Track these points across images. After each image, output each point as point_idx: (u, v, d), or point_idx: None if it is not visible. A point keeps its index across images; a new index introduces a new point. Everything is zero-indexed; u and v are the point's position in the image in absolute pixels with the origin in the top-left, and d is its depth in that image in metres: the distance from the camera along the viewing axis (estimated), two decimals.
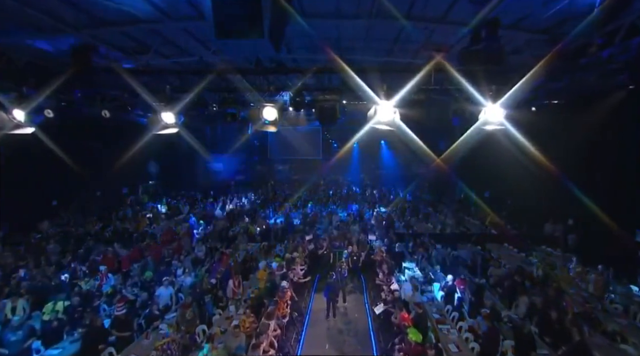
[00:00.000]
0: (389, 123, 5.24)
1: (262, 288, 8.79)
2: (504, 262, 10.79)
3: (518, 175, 13.78)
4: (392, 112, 5.26)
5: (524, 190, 14.39)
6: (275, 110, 5.75)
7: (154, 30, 6.97)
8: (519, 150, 8.66)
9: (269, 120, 5.78)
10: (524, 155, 9.62)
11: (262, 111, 5.76)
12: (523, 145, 6.55)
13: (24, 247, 12.22)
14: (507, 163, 13.73)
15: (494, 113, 5.14)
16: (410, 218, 16.54)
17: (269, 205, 19.76)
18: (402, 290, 8.12)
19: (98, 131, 13.96)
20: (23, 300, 7.61)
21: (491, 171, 16.74)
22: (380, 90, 5.37)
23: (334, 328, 8.32)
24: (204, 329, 7.22)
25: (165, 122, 5.78)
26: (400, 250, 11.55)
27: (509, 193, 16.27)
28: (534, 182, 13.18)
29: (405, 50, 8.22)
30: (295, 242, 12.06)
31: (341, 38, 7.70)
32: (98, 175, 15.92)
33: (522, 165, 12.23)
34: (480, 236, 13.94)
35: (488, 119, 5.20)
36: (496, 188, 17.45)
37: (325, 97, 6.03)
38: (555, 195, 12.33)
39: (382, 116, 5.32)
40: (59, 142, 11.68)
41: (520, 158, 11.70)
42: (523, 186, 14.14)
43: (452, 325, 7.30)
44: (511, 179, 14.77)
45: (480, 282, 8.73)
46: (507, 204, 16.50)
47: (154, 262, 10.35)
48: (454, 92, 5.48)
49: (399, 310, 6.92)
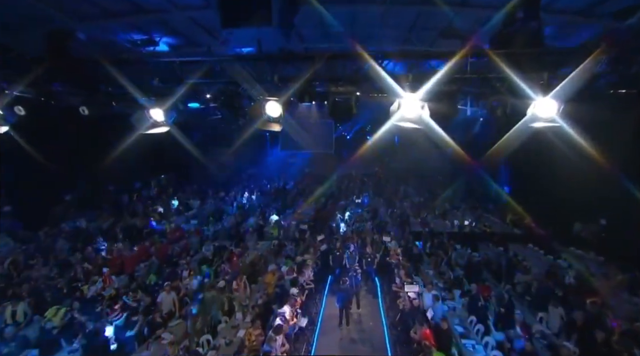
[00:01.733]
0: (415, 120, 4.47)
1: (270, 294, 8.31)
2: (528, 265, 9.98)
3: (544, 169, 12.78)
4: (420, 107, 4.56)
5: (550, 186, 13.40)
6: (279, 105, 5.08)
7: (162, 20, 6.52)
8: (555, 143, 7.74)
9: (272, 117, 5.12)
10: (558, 148, 8.66)
11: (265, 106, 5.10)
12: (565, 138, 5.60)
13: (34, 245, 12.13)
14: (532, 156, 12.76)
15: (545, 108, 4.34)
16: (427, 215, 15.76)
17: (280, 200, 19.33)
18: (422, 298, 7.48)
19: (108, 124, 13.70)
20: (24, 304, 7.34)
21: (513, 164, 15.70)
22: (404, 80, 4.64)
23: (346, 338, 7.79)
24: (209, 339, 6.79)
25: (154, 120, 5.21)
26: (417, 252, 10.87)
27: (532, 189, 15.20)
28: (563, 177, 12.21)
29: (423, 39, 7.48)
30: (307, 243, 11.52)
31: (355, 25, 7.01)
32: (110, 169, 15.76)
33: (550, 158, 11.23)
34: (502, 236, 13.08)
35: (537, 115, 4.41)
36: (518, 183, 16.43)
37: (339, 89, 5.22)
38: (587, 192, 11.36)
39: (407, 112, 4.53)
40: (70, 136, 11.45)
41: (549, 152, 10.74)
42: (549, 181, 13.14)
43: (478, 340, 6.64)
44: (536, 173, 13.75)
45: (507, 291, 7.97)
46: (530, 201, 15.48)
47: (160, 263, 9.98)
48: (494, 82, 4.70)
49: (419, 324, 6.31)
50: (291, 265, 9.29)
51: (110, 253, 10.48)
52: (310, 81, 4.89)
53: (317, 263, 10.26)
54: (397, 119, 4.55)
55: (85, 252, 11.28)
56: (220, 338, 6.71)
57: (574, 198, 12.39)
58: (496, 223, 15.28)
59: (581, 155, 9.08)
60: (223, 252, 11.35)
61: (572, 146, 8.15)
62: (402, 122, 4.54)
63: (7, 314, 7.04)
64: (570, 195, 12.48)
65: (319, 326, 8.16)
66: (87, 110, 5.24)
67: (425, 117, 4.44)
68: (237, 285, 8.37)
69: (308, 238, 11.96)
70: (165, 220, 15.66)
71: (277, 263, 10.04)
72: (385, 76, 4.35)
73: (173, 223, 14.77)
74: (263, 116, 4.92)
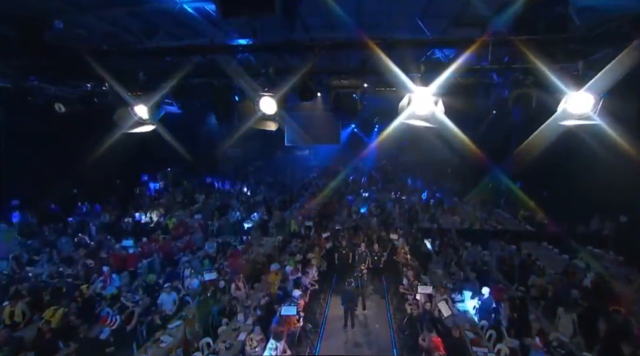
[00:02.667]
0: (427, 118, 4.02)
1: (273, 294, 8.05)
2: (543, 265, 9.52)
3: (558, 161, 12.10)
4: (432, 103, 4.12)
5: (565, 178, 12.79)
6: (274, 101, 4.63)
7: (164, 10, 6.19)
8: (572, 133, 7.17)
9: (267, 115, 4.70)
10: (575, 139, 8.07)
11: (259, 102, 4.67)
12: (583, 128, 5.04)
13: (39, 240, 12.09)
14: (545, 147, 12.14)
15: (579, 103, 3.83)
16: (435, 211, 15.29)
17: (287, 193, 19.05)
18: (433, 304, 7.12)
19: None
20: (22, 304, 7.20)
21: (524, 157, 15.01)
22: (415, 72, 4.14)
23: (351, 341, 7.50)
24: (209, 342, 6.57)
25: (138, 117, 4.83)
26: (426, 251, 10.49)
27: (545, 182, 14.55)
28: (578, 169, 11.57)
29: (435, 27, 6.97)
30: (311, 240, 11.22)
31: (362, 14, 6.56)
32: (117, 162, 15.66)
33: (565, 148, 10.58)
34: (514, 233, 12.57)
35: (569, 111, 3.91)
36: (529, 177, 15.77)
37: (343, 83, 4.74)
38: (606, 185, 10.75)
39: (419, 108, 4.04)
40: (77, 129, 11.27)
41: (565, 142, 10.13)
42: (563, 173, 12.53)
43: (490, 347, 6.29)
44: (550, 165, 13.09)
45: (521, 294, 7.56)
46: (543, 196, 14.85)
47: (162, 261, 9.80)
48: (518, 74, 4.18)
49: (428, 330, 5.97)
50: (295, 265, 8.99)
51: (112, 252, 10.32)
52: (311, 74, 4.43)
53: (322, 261, 9.97)
54: (407, 116, 4.08)
55: (90, 248, 11.23)
56: (220, 341, 6.48)
57: (591, 192, 11.81)
58: (507, 219, 14.76)
59: (600, 146, 8.53)
60: (227, 249, 11.15)
61: (592, 137, 7.60)
62: (413, 119, 4.08)
63: (5, 314, 6.91)
64: (587, 189, 11.91)
65: (323, 328, 7.89)
66: (63, 107, 4.90)
67: (438, 114, 3.98)
68: (238, 284, 8.12)
69: (313, 235, 11.65)
70: (170, 214, 15.55)
71: (281, 260, 9.80)
72: (393, 68, 3.88)
73: (177, 217, 14.60)
74: (257, 114, 4.50)
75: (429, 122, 4.03)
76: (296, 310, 6.44)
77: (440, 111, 4.01)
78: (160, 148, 17.70)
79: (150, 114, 4.59)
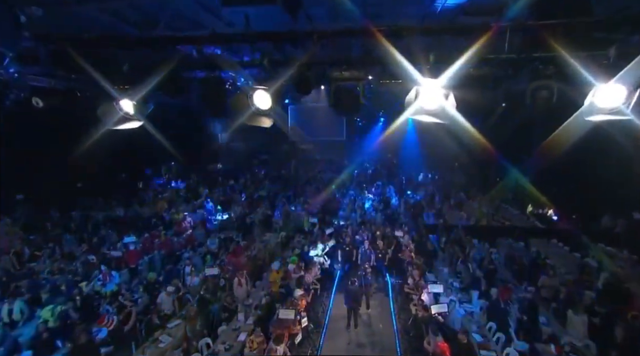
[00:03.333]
0: (436, 113, 3.67)
1: (275, 293, 7.90)
2: (553, 262, 9.22)
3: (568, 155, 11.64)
4: (443, 97, 3.71)
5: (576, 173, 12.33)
6: (268, 95, 4.28)
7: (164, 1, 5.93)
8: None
9: (261, 109, 4.38)
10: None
11: (252, 96, 4.30)
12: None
13: (41, 235, 12.05)
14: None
15: (609, 96, 3.43)
16: (442, 206, 14.98)
17: (291, 188, 18.83)
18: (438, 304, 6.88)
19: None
20: (20, 301, 7.11)
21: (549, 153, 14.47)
22: (423, 63, 3.75)
23: (354, 342, 7.31)
24: (208, 343, 6.42)
25: (124, 112, 4.56)
26: (431, 249, 10.23)
27: (555, 177, 14.08)
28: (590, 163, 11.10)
29: (443, 16, 6.57)
30: (314, 236, 11.00)
31: (367, 4, 6.22)
32: (122, 157, 15.54)
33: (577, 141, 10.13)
34: (523, 230, 12.22)
35: (598, 105, 3.58)
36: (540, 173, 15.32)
37: (344, 75, 4.39)
38: (619, 180, 10.34)
39: (427, 102, 3.68)
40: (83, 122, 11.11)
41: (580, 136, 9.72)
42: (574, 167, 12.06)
43: (499, 351, 6.05)
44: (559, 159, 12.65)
45: (530, 295, 7.27)
46: (552, 191, 14.42)
47: (162, 257, 9.66)
48: (537, 64, 3.81)
49: (434, 334, 5.75)
50: (298, 263, 8.79)
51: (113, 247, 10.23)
52: (309, 65, 4.10)
53: (325, 259, 9.77)
54: (415, 112, 3.74)
55: (92, 243, 11.15)
56: (219, 342, 6.33)
57: (602, 188, 11.38)
58: (515, 216, 14.39)
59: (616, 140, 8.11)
60: (229, 245, 11.00)
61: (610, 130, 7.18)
62: (421, 115, 3.74)
63: (3, 313, 6.83)
64: (598, 185, 11.48)
65: (325, 328, 7.70)
66: (40, 102, 4.64)
67: (449, 109, 3.63)
68: (239, 282, 7.96)
69: (317, 231, 11.43)
70: (174, 208, 15.44)
71: (284, 257, 9.62)
72: (399, 58, 3.53)
73: (180, 212, 14.48)
74: (250, 108, 4.19)
75: (439, 117, 3.69)
76: (295, 313, 6.23)
77: (451, 105, 3.67)
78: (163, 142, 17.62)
79: (137, 110, 4.32)
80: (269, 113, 4.34)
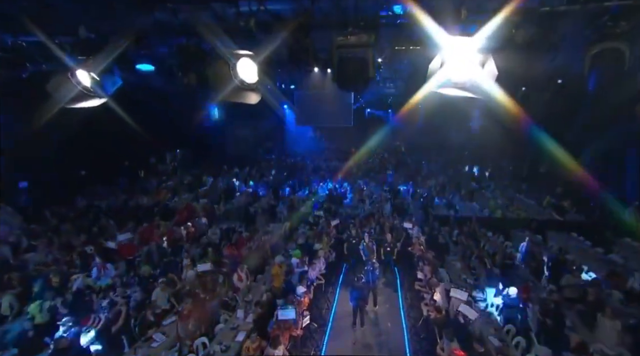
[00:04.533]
0: (468, 86, 2.96)
1: (276, 288, 7.44)
2: (571, 257, 8.56)
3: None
4: (477, 65, 2.77)
5: None
6: (255, 64, 3.43)
7: None
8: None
9: (247, 82, 3.49)
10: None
11: (235, 66, 3.38)
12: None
13: (41, 224, 11.77)
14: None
15: None
16: (453, 196, 14.29)
17: (296, 177, 18.33)
18: (452, 305, 6.35)
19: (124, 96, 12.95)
20: (10, 296, 6.78)
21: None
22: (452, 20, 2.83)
23: (360, 342, 6.85)
24: (205, 342, 6.02)
25: (82, 86, 3.72)
26: (444, 242, 9.65)
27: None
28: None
29: None
30: (319, 228, 10.49)
31: None
32: (125, 144, 15.19)
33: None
34: (540, 222, 11.51)
35: None
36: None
37: (350, 40, 3.31)
38: None
39: (456, 73, 2.84)
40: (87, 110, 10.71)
41: None
42: None
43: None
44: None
45: (555, 296, 6.66)
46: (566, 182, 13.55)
47: (160, 249, 9.25)
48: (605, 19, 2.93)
49: (448, 339, 5.24)
50: (302, 256, 8.30)
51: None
52: (306, 29, 3.33)
53: (331, 252, 9.28)
54: (440, 84, 2.94)
55: (91, 233, 10.85)
56: (216, 343, 5.92)
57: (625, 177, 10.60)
58: (531, 207, 13.64)
59: None
60: (231, 235, 10.58)
61: None
62: (448, 88, 2.94)
63: None
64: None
65: (329, 327, 7.25)
66: None
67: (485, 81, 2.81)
68: (239, 277, 7.53)
69: (322, 223, 10.92)
70: (178, 196, 15.10)
71: (288, 249, 9.16)
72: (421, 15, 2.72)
73: (183, 201, 14.12)
74: (233, 80, 3.46)
75: (471, 91, 2.90)
76: (295, 313, 5.75)
77: (490, 75, 2.86)
78: (169, 128, 17.17)
79: (97, 84, 3.61)
80: (256, 88, 3.61)
